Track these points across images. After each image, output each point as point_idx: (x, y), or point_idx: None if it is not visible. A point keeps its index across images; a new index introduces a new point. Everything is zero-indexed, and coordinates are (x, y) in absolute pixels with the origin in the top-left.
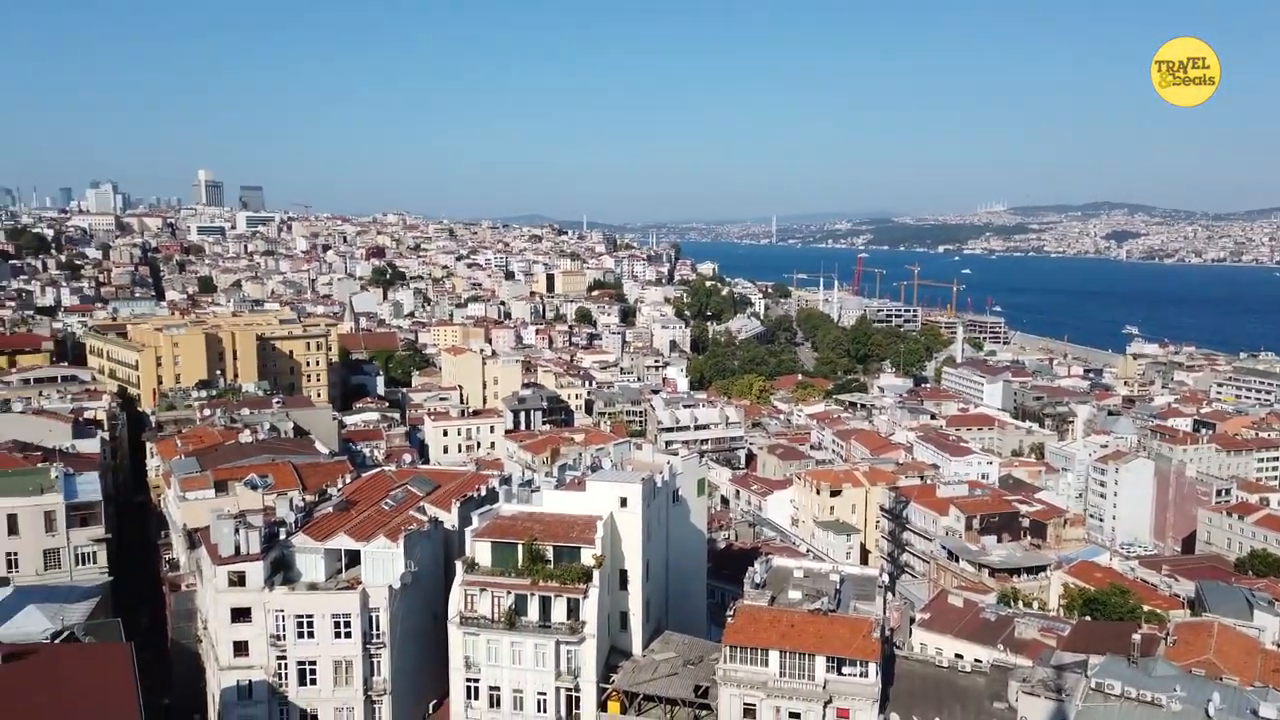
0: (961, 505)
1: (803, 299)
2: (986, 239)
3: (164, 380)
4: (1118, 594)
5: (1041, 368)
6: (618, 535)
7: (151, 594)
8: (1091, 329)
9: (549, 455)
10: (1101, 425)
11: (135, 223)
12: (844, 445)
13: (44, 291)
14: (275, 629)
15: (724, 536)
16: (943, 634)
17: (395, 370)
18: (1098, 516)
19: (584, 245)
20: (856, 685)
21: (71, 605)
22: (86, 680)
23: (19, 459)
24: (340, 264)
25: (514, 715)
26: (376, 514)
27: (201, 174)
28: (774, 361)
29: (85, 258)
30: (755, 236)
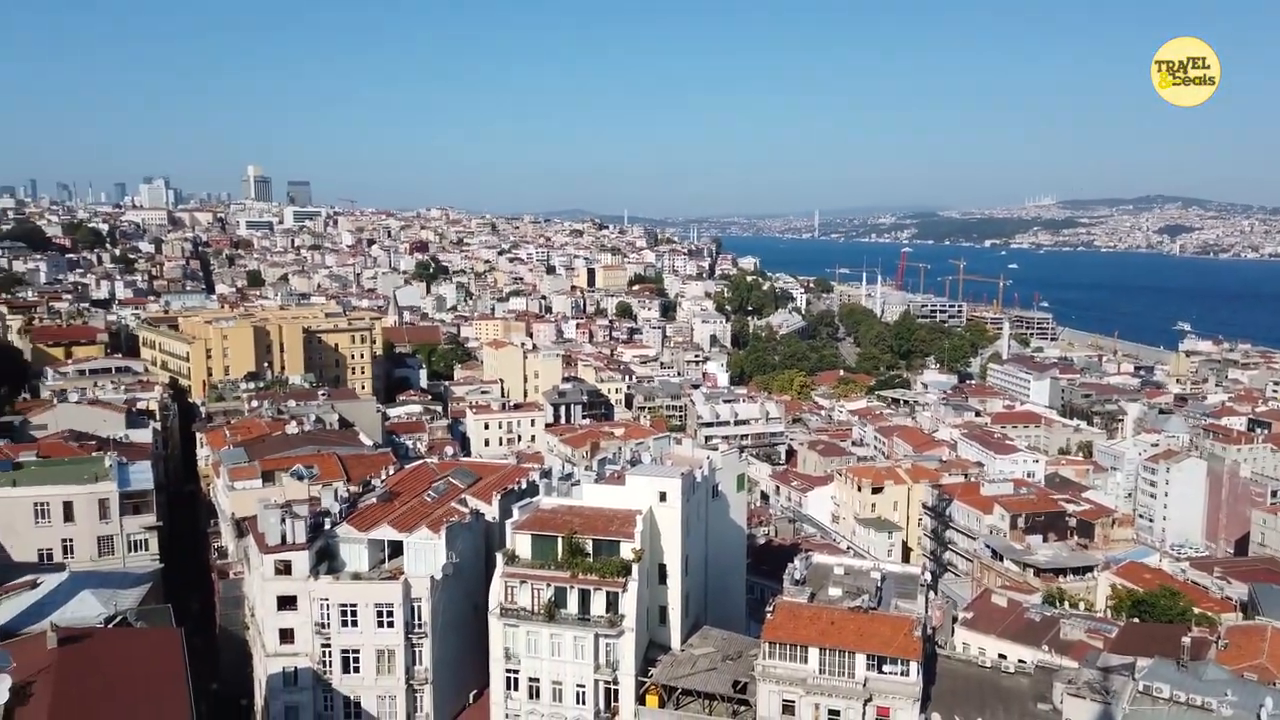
0: (1006, 504)
1: (845, 294)
2: (1034, 233)
3: (213, 372)
4: (1167, 596)
5: (1090, 364)
6: (657, 530)
7: (201, 581)
8: (1143, 325)
9: (589, 449)
10: (1152, 424)
11: (186, 218)
12: (886, 442)
13: (99, 285)
14: (320, 617)
15: (764, 532)
16: (986, 634)
17: (438, 363)
18: (1147, 517)
19: (625, 240)
20: (897, 684)
21: (124, 591)
22: (138, 664)
23: (75, 448)
24: (385, 258)
25: (553, 706)
26: (419, 505)
27: (250, 170)
28: (815, 357)
29: (138, 252)
30: (797, 231)
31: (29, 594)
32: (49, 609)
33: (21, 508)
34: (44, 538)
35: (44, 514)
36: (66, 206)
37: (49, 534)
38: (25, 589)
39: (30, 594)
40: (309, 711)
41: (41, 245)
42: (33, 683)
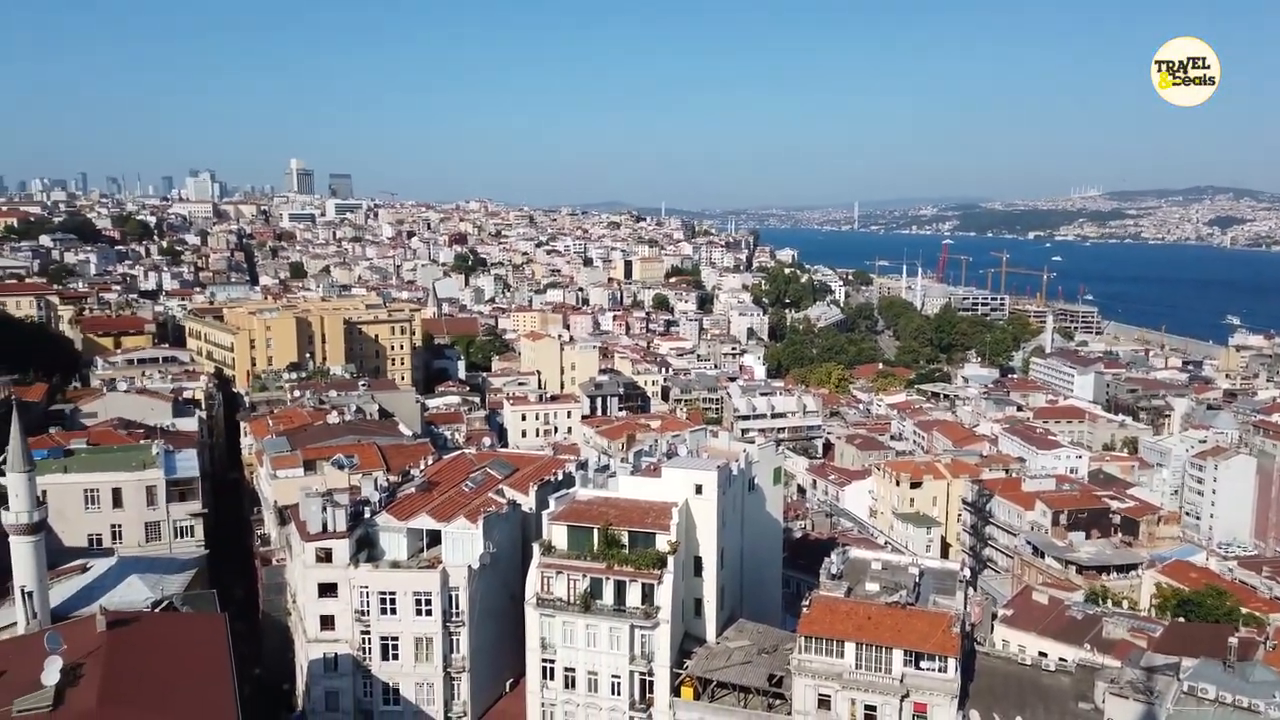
0: (1048, 500)
1: (884, 286)
2: (1080, 225)
3: (257, 362)
4: (1214, 595)
5: (1136, 359)
6: (693, 522)
7: (244, 567)
8: (1191, 319)
9: (625, 441)
10: (1200, 419)
11: (231, 210)
12: (925, 436)
13: (147, 276)
14: (360, 605)
15: (800, 526)
16: (1026, 631)
17: (476, 355)
18: (1194, 514)
19: (662, 232)
20: (935, 680)
21: (170, 576)
22: (184, 648)
23: (123, 436)
24: (424, 250)
25: (588, 696)
26: (457, 495)
27: (293, 163)
28: (854, 350)
29: (185, 244)
30: (836, 222)
31: (79, 578)
32: (98, 593)
33: (72, 494)
34: (94, 523)
35: (94, 500)
36: (116, 199)
37: (99, 519)
38: (76, 573)
39: (80, 578)
40: (349, 697)
41: (92, 237)
42: (82, 665)
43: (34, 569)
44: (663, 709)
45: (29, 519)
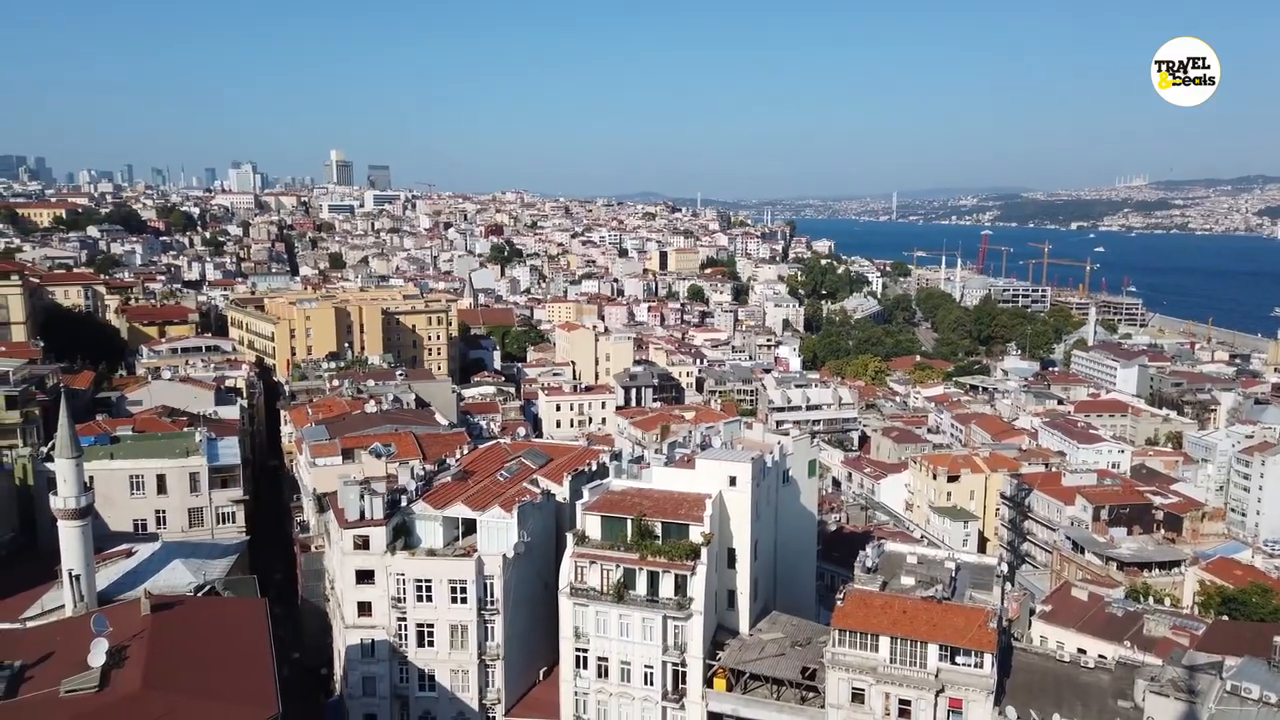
0: (1089, 495)
1: (923, 278)
2: (1125, 215)
3: (297, 351)
4: (1259, 593)
5: (1182, 352)
6: (726, 514)
7: (284, 553)
8: (1239, 312)
9: (659, 432)
10: (1247, 414)
11: (272, 201)
12: (963, 429)
13: (190, 266)
14: (396, 591)
15: (835, 519)
16: (1065, 628)
17: (511, 345)
18: (1240, 511)
19: (697, 223)
20: (970, 675)
21: (213, 561)
22: (226, 631)
23: (168, 423)
24: (461, 241)
25: (621, 686)
26: (492, 485)
27: (333, 154)
28: (891, 342)
29: (227, 234)
30: (874, 213)
31: (125, 562)
32: (143, 577)
33: (118, 479)
34: (139, 509)
35: (139, 486)
36: (160, 191)
37: (143, 505)
38: (121, 557)
39: (126, 562)
40: (385, 683)
41: (137, 228)
42: (127, 647)
43: (81, 553)
44: (695, 700)
45: (76, 504)
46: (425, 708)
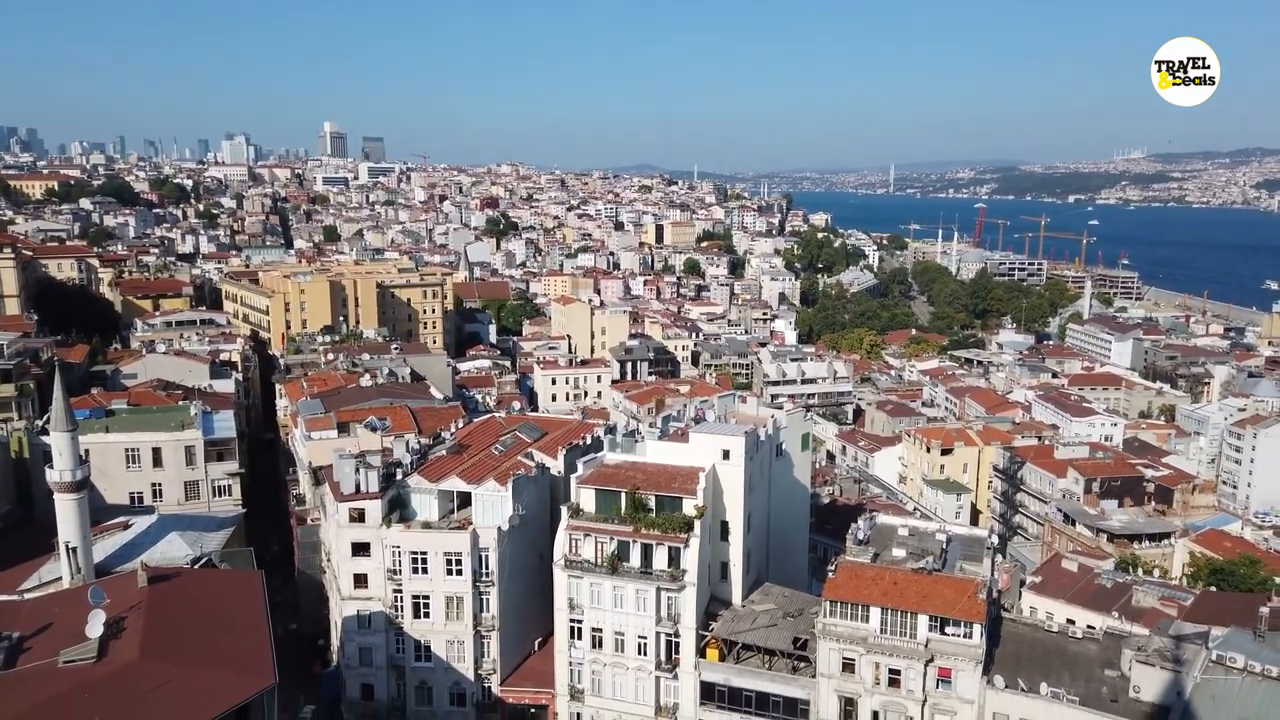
0: (1081, 467)
1: (919, 251)
2: (1122, 188)
3: (292, 325)
4: (1247, 564)
5: (1177, 326)
6: (720, 487)
7: (280, 525)
8: (1235, 285)
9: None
10: (1241, 387)
11: (266, 173)
12: (958, 403)
13: (184, 239)
14: (392, 564)
15: (828, 492)
16: (1054, 599)
17: (507, 319)
18: (1231, 483)
19: (694, 196)
20: (959, 645)
21: (209, 534)
22: (222, 603)
23: (163, 397)
24: (456, 214)
25: (615, 656)
26: (487, 458)
27: (327, 126)
28: (886, 315)
29: (221, 207)
30: (871, 186)
31: (121, 534)
32: (140, 549)
33: (114, 453)
34: (135, 481)
35: (135, 459)
36: (153, 162)
37: (139, 478)
38: (118, 530)
39: (123, 535)
40: (382, 653)
41: (130, 200)
42: (125, 618)
43: (78, 525)
44: (688, 670)
45: (72, 477)
46: (421, 678)
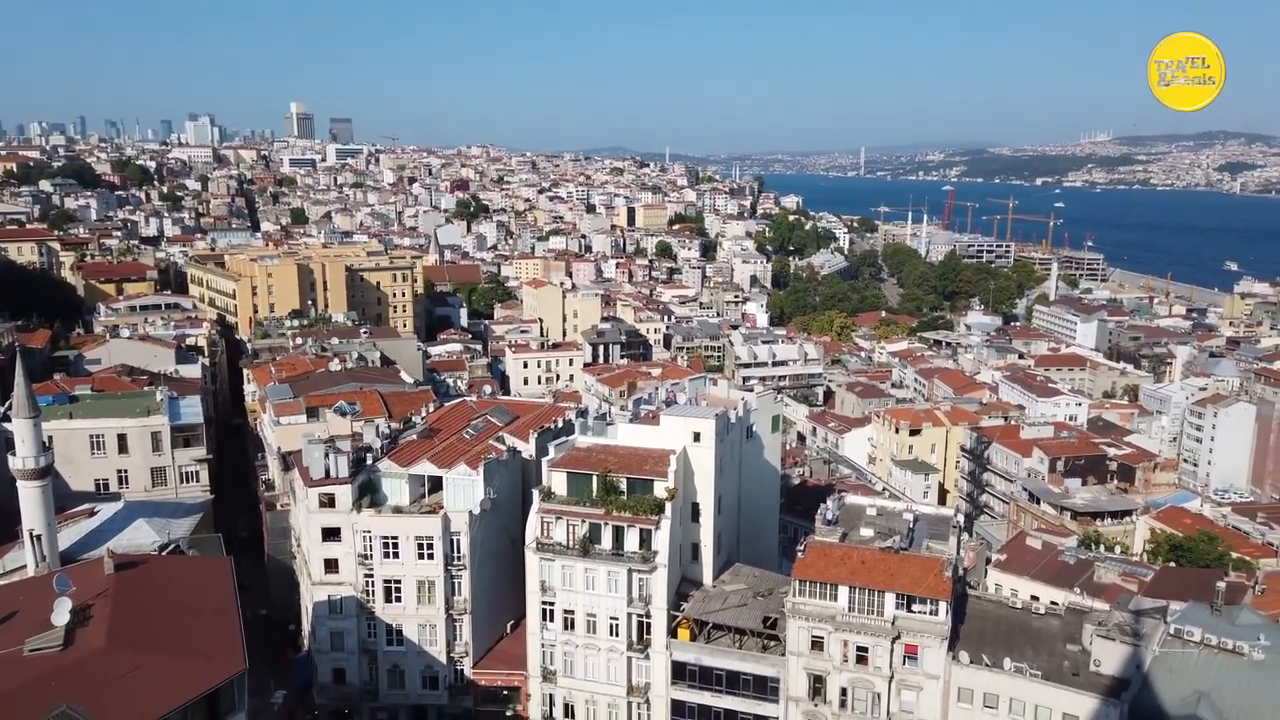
0: (1046, 447)
1: (890, 233)
2: (1089, 171)
3: (259, 309)
4: (1206, 540)
5: (1140, 307)
6: (690, 469)
7: (250, 510)
8: (1198, 266)
9: (626, 389)
10: (1202, 367)
11: (231, 155)
12: (926, 384)
13: (148, 222)
14: (363, 549)
15: (799, 473)
16: (1019, 575)
17: (478, 302)
18: (1192, 461)
19: (665, 178)
20: (925, 623)
21: (177, 520)
22: (191, 589)
23: (128, 382)
24: (426, 196)
25: (587, 637)
26: (458, 442)
27: (293, 107)
28: (857, 298)
29: (185, 189)
30: (842, 169)
31: (87, 522)
32: (106, 536)
33: (79, 439)
34: (100, 468)
35: (100, 446)
36: (115, 143)
37: (105, 465)
38: (83, 517)
39: (88, 522)
40: (353, 638)
41: (91, 182)
42: (91, 606)
43: (42, 513)
44: (660, 650)
45: (35, 464)
46: (393, 661)
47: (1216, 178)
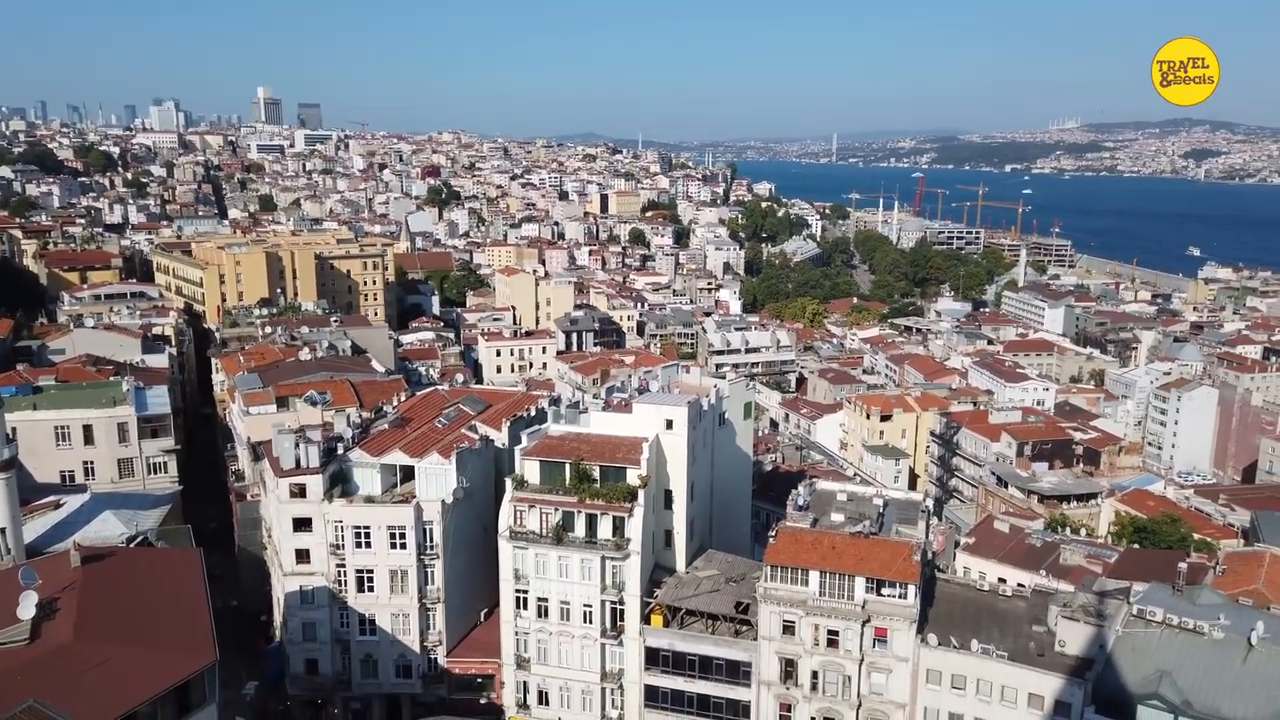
0: (1014, 431)
1: (861, 220)
2: (1057, 158)
3: (227, 298)
4: (1169, 522)
5: (1107, 292)
6: (663, 456)
7: (220, 500)
8: (1163, 253)
9: (599, 377)
10: (1166, 352)
11: (197, 140)
12: (897, 370)
13: (112, 209)
14: (334, 539)
15: (771, 459)
16: (987, 559)
17: (450, 290)
18: (1156, 445)
19: (639, 165)
20: (895, 606)
21: (145, 512)
22: (160, 582)
23: (93, 373)
24: (397, 183)
25: (561, 625)
26: (430, 431)
27: (260, 92)
28: (829, 284)
29: (150, 175)
30: (814, 155)
31: (52, 514)
32: (72, 529)
33: (43, 431)
34: (65, 460)
35: (64, 437)
36: (77, 129)
37: (70, 456)
38: (49, 509)
39: (54, 514)
40: (326, 628)
41: (53, 168)
42: (58, 599)
43: (6, 506)
44: (633, 636)
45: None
46: (366, 651)
47: (1182, 164)
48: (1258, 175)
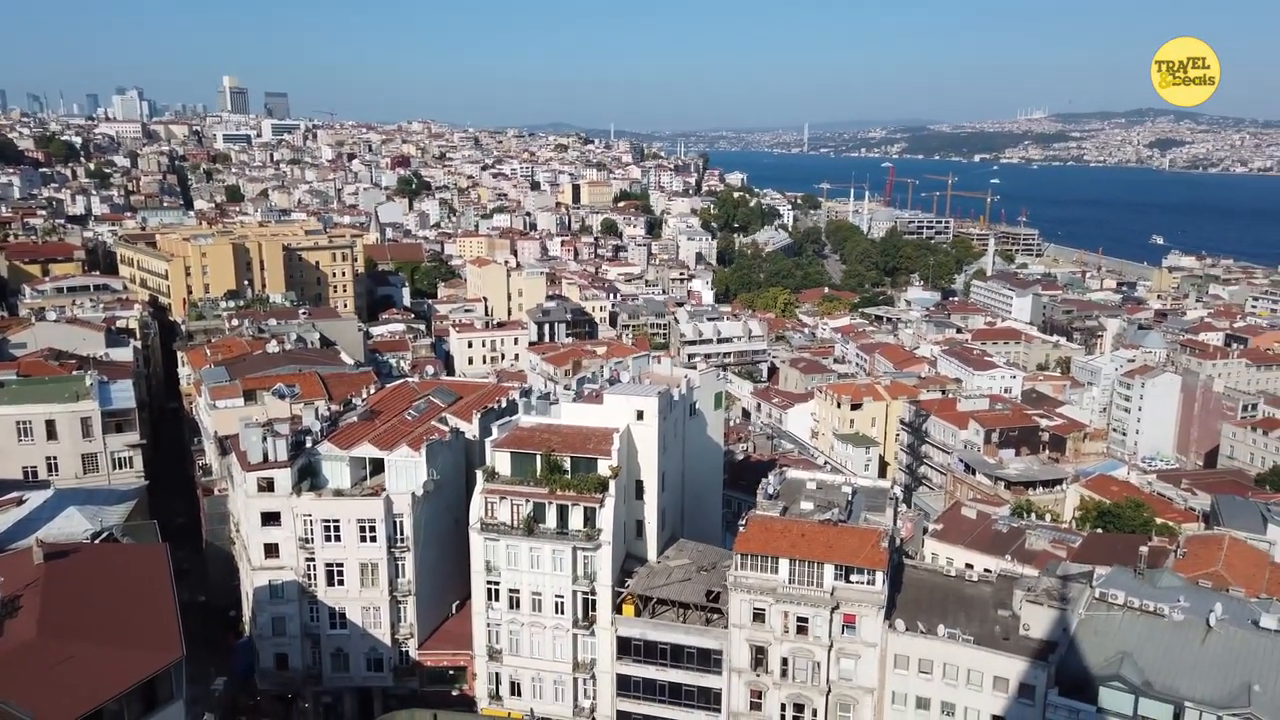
0: (981, 419)
1: (833, 210)
2: (1025, 148)
3: (193, 290)
4: (1132, 507)
5: (1073, 281)
6: (634, 447)
7: (187, 495)
8: (1128, 241)
9: (571, 368)
10: (1131, 339)
11: (162, 130)
12: (868, 359)
13: (74, 200)
14: (303, 533)
15: (742, 449)
16: (954, 545)
17: (421, 281)
18: (1120, 431)
19: (610, 155)
20: (863, 592)
21: (110, 507)
22: (125, 578)
23: (55, 367)
24: (366, 173)
25: (533, 616)
26: (400, 424)
27: (226, 80)
28: (800, 274)
29: (114, 166)
30: (786, 145)
31: (15, 511)
32: (35, 525)
33: (4, 426)
34: (28, 455)
35: (27, 432)
36: (38, 118)
37: (32, 452)
38: (11, 506)
39: (16, 510)
40: (295, 622)
41: (13, 159)
42: (20, 596)
43: None
44: (605, 626)
45: None
46: (337, 645)
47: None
48: (1220, 165)
